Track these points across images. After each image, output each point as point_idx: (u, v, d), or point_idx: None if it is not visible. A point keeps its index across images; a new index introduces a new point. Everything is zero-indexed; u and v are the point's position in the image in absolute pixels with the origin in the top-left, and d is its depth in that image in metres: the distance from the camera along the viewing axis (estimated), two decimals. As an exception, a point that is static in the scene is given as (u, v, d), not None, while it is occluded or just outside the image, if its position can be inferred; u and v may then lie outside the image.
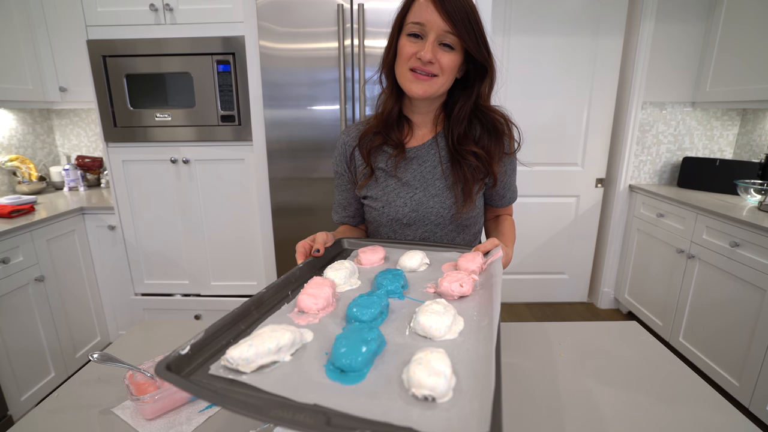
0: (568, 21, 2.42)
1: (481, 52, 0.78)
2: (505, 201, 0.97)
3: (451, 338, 0.56)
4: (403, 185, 0.88)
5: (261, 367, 0.50)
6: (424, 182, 0.87)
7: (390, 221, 0.90)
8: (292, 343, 0.52)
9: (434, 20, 0.73)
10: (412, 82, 0.77)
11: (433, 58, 0.75)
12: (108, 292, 2.21)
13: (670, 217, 2.26)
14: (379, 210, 0.91)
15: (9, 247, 1.68)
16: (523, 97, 2.54)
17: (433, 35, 0.74)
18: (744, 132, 2.52)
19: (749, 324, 1.74)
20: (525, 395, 0.72)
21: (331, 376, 0.49)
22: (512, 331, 0.95)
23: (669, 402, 0.70)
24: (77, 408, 0.69)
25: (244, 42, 1.78)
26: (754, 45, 2.08)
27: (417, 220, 0.89)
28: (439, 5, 0.72)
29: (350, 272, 0.74)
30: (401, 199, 0.88)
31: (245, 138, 1.92)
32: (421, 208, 0.88)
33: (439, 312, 0.57)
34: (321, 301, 0.63)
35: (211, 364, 0.50)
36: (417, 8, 0.75)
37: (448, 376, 0.45)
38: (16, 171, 2.25)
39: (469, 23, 0.74)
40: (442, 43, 0.75)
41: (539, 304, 2.86)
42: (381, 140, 0.87)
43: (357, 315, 0.58)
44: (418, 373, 0.45)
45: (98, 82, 1.87)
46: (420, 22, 0.74)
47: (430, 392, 0.44)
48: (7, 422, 1.65)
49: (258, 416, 0.42)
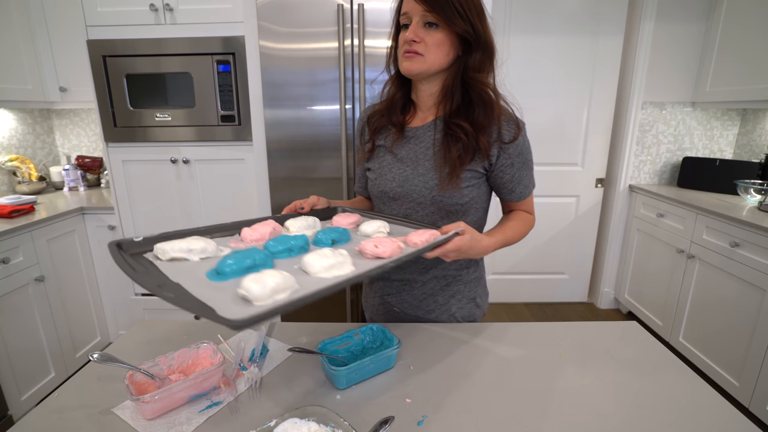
0: (568, 21, 2.42)
1: (459, 24, 0.81)
2: (515, 196, 0.98)
3: (325, 276, 0.63)
4: (397, 161, 0.94)
5: (173, 259, 0.67)
6: (415, 160, 0.92)
7: (380, 193, 0.97)
8: (202, 250, 0.68)
9: (414, 6, 0.82)
10: (402, 62, 0.86)
11: (416, 37, 0.82)
12: (108, 292, 2.21)
13: (670, 217, 2.26)
14: (372, 181, 0.99)
15: (9, 247, 1.68)
16: (523, 97, 2.51)
17: (416, 18, 0.82)
18: (744, 132, 2.52)
19: (749, 324, 1.74)
20: (525, 395, 0.72)
21: (208, 275, 0.62)
22: (512, 331, 0.96)
23: (669, 402, 0.70)
24: (77, 408, 0.69)
25: (244, 42, 1.78)
26: (754, 45, 2.08)
27: (402, 195, 0.93)
28: None
29: (308, 225, 0.85)
30: (392, 173, 0.94)
31: (245, 138, 1.92)
32: (407, 184, 0.92)
33: (325, 255, 0.65)
34: (256, 234, 0.78)
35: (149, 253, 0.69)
36: (405, 2, 0.84)
37: (269, 287, 0.54)
38: (16, 171, 2.25)
39: (446, 2, 0.80)
40: (427, 22, 0.82)
41: (539, 304, 2.86)
42: (385, 121, 0.96)
43: (221, 267, 0.65)
44: (248, 279, 0.55)
45: (98, 82, 1.87)
46: (405, 12, 0.84)
47: (245, 293, 0.54)
48: (8, 422, 1.65)
49: (134, 278, 0.59)
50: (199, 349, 0.79)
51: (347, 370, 0.72)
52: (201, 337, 0.91)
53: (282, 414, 0.60)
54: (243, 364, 0.80)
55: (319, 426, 0.59)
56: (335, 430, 0.59)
